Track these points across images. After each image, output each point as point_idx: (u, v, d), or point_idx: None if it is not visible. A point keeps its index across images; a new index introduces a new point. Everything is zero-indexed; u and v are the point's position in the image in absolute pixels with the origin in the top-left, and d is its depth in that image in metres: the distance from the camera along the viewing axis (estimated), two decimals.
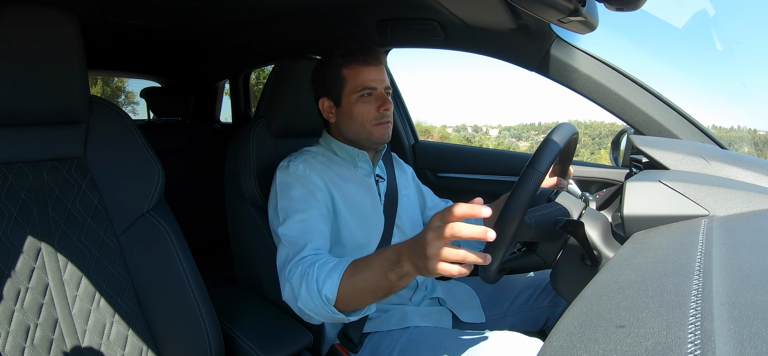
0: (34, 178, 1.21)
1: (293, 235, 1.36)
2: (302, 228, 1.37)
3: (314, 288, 1.18)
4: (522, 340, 1.29)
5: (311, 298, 1.19)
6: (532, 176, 1.11)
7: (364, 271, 1.14)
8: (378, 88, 1.56)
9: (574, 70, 1.69)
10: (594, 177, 2.00)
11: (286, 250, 1.34)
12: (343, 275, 1.17)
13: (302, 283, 1.21)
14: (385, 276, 1.09)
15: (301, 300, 1.21)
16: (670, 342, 0.46)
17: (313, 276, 1.20)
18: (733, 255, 0.69)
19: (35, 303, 1.15)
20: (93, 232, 1.27)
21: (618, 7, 1.10)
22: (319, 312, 1.20)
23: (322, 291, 1.17)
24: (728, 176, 1.17)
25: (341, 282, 1.16)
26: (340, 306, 1.18)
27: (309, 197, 1.44)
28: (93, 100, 1.30)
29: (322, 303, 1.17)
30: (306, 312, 1.22)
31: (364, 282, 1.14)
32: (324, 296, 1.17)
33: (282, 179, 1.48)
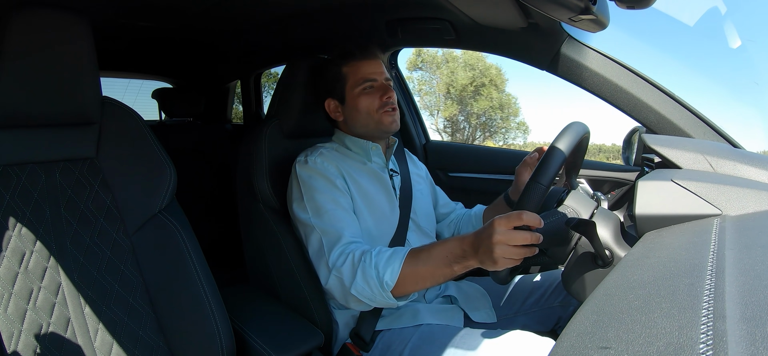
0: (46, 178, 1.22)
1: (327, 224, 1.42)
2: (334, 217, 1.43)
3: (372, 275, 1.28)
4: (533, 339, 1.29)
5: (368, 284, 1.29)
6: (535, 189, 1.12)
7: (427, 260, 1.26)
8: (379, 79, 1.62)
9: (585, 68, 1.68)
10: (606, 176, 1.99)
11: (318, 238, 1.41)
12: (403, 263, 1.28)
13: (357, 271, 1.31)
14: (449, 266, 1.23)
15: (355, 286, 1.30)
16: (682, 343, 0.46)
17: (371, 264, 1.29)
18: (745, 254, 0.68)
19: (48, 302, 1.16)
20: (105, 232, 1.28)
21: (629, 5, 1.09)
22: (374, 297, 1.31)
23: (384, 277, 1.28)
24: (741, 175, 1.16)
25: (402, 268, 1.27)
26: (395, 291, 1.29)
27: (332, 188, 1.49)
28: (105, 101, 1.31)
29: (379, 288, 1.28)
30: (358, 297, 1.32)
31: (426, 270, 1.26)
32: (384, 282, 1.27)
33: (303, 172, 1.51)
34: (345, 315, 1.55)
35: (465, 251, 1.19)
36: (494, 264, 1.11)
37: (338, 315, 1.55)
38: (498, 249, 1.09)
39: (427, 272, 1.26)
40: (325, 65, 1.68)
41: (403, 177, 1.72)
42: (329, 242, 1.39)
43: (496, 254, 1.09)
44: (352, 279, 1.30)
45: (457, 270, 1.22)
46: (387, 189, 1.63)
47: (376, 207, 1.56)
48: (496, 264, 1.11)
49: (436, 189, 1.95)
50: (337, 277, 1.34)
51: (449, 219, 1.91)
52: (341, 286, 1.33)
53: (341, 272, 1.33)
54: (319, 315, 1.52)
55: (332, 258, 1.36)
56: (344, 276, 1.32)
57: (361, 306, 1.37)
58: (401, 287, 1.28)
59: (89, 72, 1.23)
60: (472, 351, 1.30)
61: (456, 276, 1.68)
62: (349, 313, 1.54)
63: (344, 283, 1.32)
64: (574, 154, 1.42)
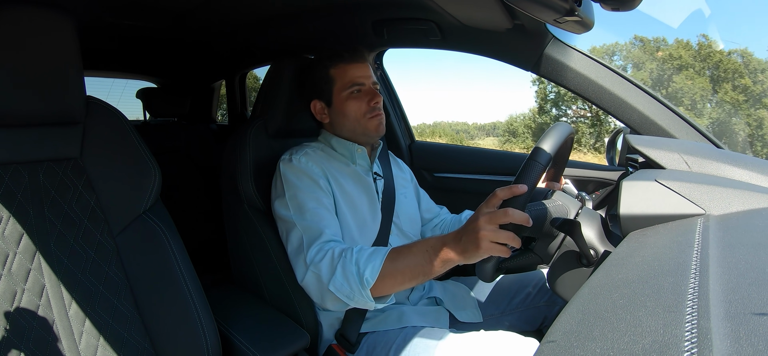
0: (30, 178, 1.21)
1: (308, 222, 1.41)
2: (316, 215, 1.43)
3: (353, 271, 1.27)
4: (518, 340, 1.29)
5: (347, 281, 1.28)
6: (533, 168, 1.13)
7: (408, 257, 1.26)
8: (366, 83, 1.62)
9: (569, 69, 1.70)
10: (590, 176, 2.01)
11: (299, 235, 1.40)
12: (384, 260, 1.27)
13: (337, 267, 1.29)
14: (430, 262, 1.22)
15: (334, 282, 1.29)
16: (668, 340, 0.46)
17: (351, 260, 1.28)
18: (729, 253, 0.69)
19: (31, 304, 1.14)
20: (89, 233, 1.27)
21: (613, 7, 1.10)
22: (352, 294, 1.29)
23: (364, 274, 1.26)
24: (724, 175, 1.18)
25: (383, 267, 1.26)
26: (374, 290, 1.28)
27: (316, 187, 1.49)
28: (89, 101, 1.30)
29: (359, 286, 1.27)
30: (336, 294, 1.30)
31: (406, 267, 1.25)
32: (365, 279, 1.26)
33: (287, 170, 1.51)
34: (329, 317, 1.54)
35: (446, 244, 1.19)
36: (477, 250, 1.11)
37: (322, 316, 1.55)
38: (484, 242, 1.10)
39: (407, 270, 1.25)
40: (312, 66, 1.67)
41: (386, 180, 1.72)
42: (309, 239, 1.38)
43: (482, 245, 1.11)
44: (331, 276, 1.29)
45: (437, 267, 1.21)
46: (370, 193, 1.63)
47: (358, 210, 1.56)
48: (479, 250, 1.11)
49: (420, 192, 1.95)
50: (314, 273, 1.33)
51: (434, 223, 1.91)
52: (318, 283, 1.33)
53: (319, 268, 1.32)
54: (304, 316, 1.51)
55: (310, 255, 1.35)
56: (322, 272, 1.31)
57: (337, 305, 1.35)
58: (381, 286, 1.27)
59: (73, 71, 1.22)
60: (457, 353, 1.30)
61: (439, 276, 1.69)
62: (334, 315, 1.54)
63: (322, 279, 1.31)
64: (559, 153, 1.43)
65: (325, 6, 2.04)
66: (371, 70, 1.66)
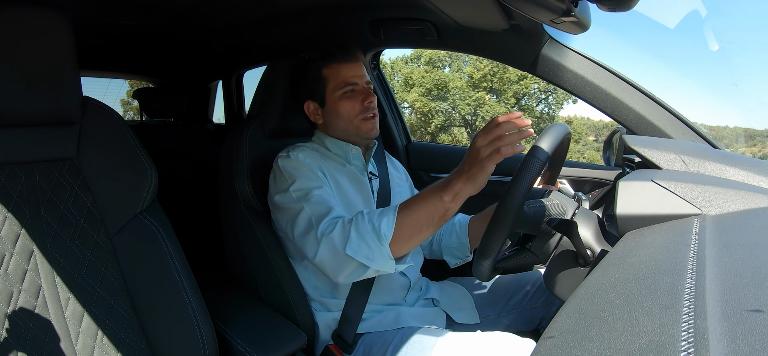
0: (26, 179, 1.20)
1: (314, 204, 1.40)
2: (321, 199, 1.42)
3: (368, 229, 1.27)
4: (515, 341, 1.30)
5: (364, 241, 1.27)
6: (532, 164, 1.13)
7: (418, 203, 1.28)
8: (359, 82, 1.61)
9: (566, 70, 1.70)
10: (587, 176, 2.01)
11: (307, 216, 1.38)
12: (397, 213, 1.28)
13: (350, 231, 1.29)
14: (440, 199, 1.23)
15: (351, 245, 1.27)
16: (664, 341, 0.46)
17: (363, 221, 1.29)
18: (725, 253, 0.69)
19: (28, 305, 1.14)
20: (86, 234, 1.26)
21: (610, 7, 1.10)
22: (372, 254, 1.28)
23: (380, 228, 1.26)
24: (720, 175, 1.18)
25: (397, 218, 1.27)
26: (393, 245, 1.27)
27: (316, 177, 1.47)
28: (86, 101, 1.30)
29: (377, 243, 1.26)
30: (354, 258, 1.28)
31: (420, 212, 1.27)
32: (382, 234, 1.26)
33: (286, 164, 1.50)
34: (326, 317, 1.54)
35: (451, 179, 1.23)
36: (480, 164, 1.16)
37: (319, 316, 1.55)
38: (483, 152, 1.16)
39: (421, 214, 1.26)
40: (305, 66, 1.67)
41: (382, 180, 1.72)
42: (318, 217, 1.36)
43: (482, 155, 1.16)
44: (346, 240, 1.28)
45: (449, 202, 1.23)
46: (365, 193, 1.62)
47: (353, 209, 1.55)
48: (482, 163, 1.16)
49: (414, 193, 1.93)
50: (327, 244, 1.31)
51: None
52: (333, 252, 1.30)
53: (332, 238, 1.30)
54: (301, 316, 1.51)
55: (321, 229, 1.33)
56: (336, 240, 1.30)
57: (355, 274, 1.32)
58: (399, 239, 1.27)
59: (70, 71, 1.22)
60: (454, 354, 1.30)
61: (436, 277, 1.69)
62: (330, 315, 1.54)
63: (337, 247, 1.29)
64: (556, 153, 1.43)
65: (321, 6, 2.04)
66: (365, 70, 1.65)
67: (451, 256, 1.80)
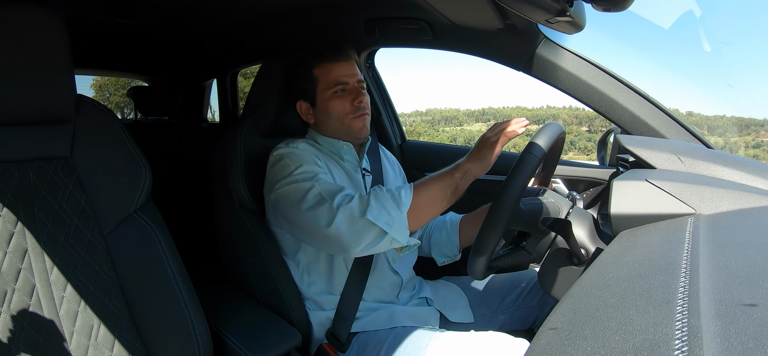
0: (20, 177, 1.20)
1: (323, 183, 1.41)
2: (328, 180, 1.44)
3: (386, 197, 1.33)
4: (508, 341, 1.30)
5: (384, 208, 1.31)
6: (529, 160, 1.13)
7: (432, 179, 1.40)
8: (350, 82, 1.60)
9: (561, 70, 1.70)
10: (581, 176, 2.01)
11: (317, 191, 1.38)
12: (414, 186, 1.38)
13: (370, 199, 1.33)
14: (451, 176, 1.37)
15: (371, 211, 1.30)
16: (658, 339, 0.46)
17: (383, 191, 1.34)
18: (719, 252, 0.69)
19: (22, 304, 1.13)
20: (80, 233, 1.26)
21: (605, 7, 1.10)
22: (392, 220, 1.31)
23: (400, 195, 1.34)
24: (714, 175, 1.18)
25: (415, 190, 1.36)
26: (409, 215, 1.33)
27: (318, 166, 1.48)
28: (80, 99, 1.29)
29: (396, 209, 1.32)
30: (374, 222, 1.29)
31: (434, 185, 1.37)
32: (402, 201, 1.33)
33: (288, 152, 1.50)
34: (320, 316, 1.54)
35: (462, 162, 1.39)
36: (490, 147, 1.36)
37: (313, 315, 1.55)
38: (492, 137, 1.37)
39: (435, 187, 1.37)
40: (296, 66, 1.67)
41: (376, 176, 1.72)
42: (330, 192, 1.36)
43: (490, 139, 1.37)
44: (366, 207, 1.30)
45: (458, 177, 1.37)
46: (359, 189, 1.62)
47: None
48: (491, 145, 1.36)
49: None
50: (345, 214, 1.31)
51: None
52: (351, 220, 1.30)
53: (350, 207, 1.31)
54: (295, 315, 1.51)
55: (337, 200, 1.33)
56: (355, 208, 1.31)
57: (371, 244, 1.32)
58: (415, 208, 1.34)
59: (64, 69, 1.21)
60: (447, 353, 1.31)
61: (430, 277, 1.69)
62: (324, 314, 1.54)
63: (355, 215, 1.30)
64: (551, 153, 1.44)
65: (317, 4, 2.04)
66: (357, 68, 1.65)
67: (439, 254, 1.79)
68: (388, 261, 1.60)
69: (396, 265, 1.61)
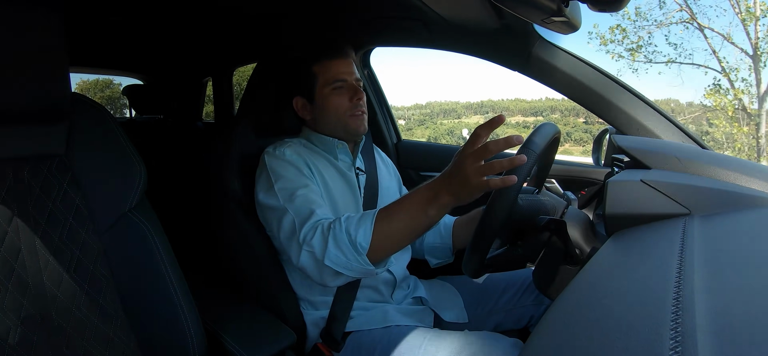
0: (14, 176, 1.19)
1: (298, 206, 1.39)
2: (306, 199, 1.41)
3: (344, 240, 1.25)
4: (502, 341, 1.30)
5: (341, 252, 1.25)
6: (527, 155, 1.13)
7: (399, 213, 1.26)
8: (349, 79, 1.61)
9: (556, 69, 1.70)
10: (576, 176, 2.02)
11: (291, 219, 1.37)
12: (374, 221, 1.26)
13: (329, 239, 1.26)
14: (424, 213, 1.22)
15: (329, 256, 1.26)
16: (652, 339, 0.47)
17: (341, 229, 1.26)
18: (713, 253, 0.69)
19: (16, 303, 1.13)
20: (74, 232, 1.25)
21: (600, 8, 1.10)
22: (350, 264, 1.26)
23: (357, 239, 1.24)
24: (709, 176, 1.19)
25: (375, 228, 1.25)
26: (371, 255, 1.26)
27: (302, 175, 1.47)
28: (75, 97, 1.29)
29: (354, 253, 1.25)
30: (334, 268, 1.27)
31: (401, 223, 1.25)
32: (358, 244, 1.24)
33: (272, 161, 1.50)
34: (314, 316, 1.55)
35: (436, 190, 1.21)
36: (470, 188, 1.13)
37: (307, 315, 1.55)
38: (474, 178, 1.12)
39: (401, 224, 1.25)
40: (294, 63, 1.67)
41: (370, 175, 1.71)
42: (301, 220, 1.36)
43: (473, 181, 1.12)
44: (324, 250, 1.27)
45: (432, 214, 1.22)
46: (353, 188, 1.62)
47: (339, 205, 1.55)
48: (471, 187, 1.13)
49: (402, 189, 1.94)
50: (308, 252, 1.30)
51: None
52: (314, 260, 1.30)
53: (312, 245, 1.29)
54: (290, 314, 1.51)
55: (303, 234, 1.33)
56: (315, 248, 1.29)
57: (338, 280, 1.32)
58: (377, 248, 1.26)
59: (60, 67, 1.21)
60: (441, 353, 1.31)
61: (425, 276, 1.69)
62: (318, 314, 1.54)
63: (316, 256, 1.28)
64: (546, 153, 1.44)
65: (313, 3, 2.04)
66: (354, 66, 1.66)
67: (433, 256, 1.80)
68: None
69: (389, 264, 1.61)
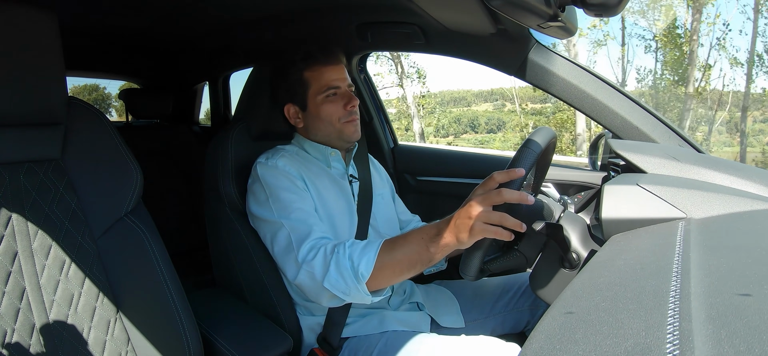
0: (10, 180, 1.19)
1: (294, 221, 1.39)
2: (302, 214, 1.41)
3: (347, 266, 1.26)
4: (499, 345, 1.30)
5: (342, 277, 1.27)
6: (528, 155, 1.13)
7: (404, 247, 1.26)
8: (342, 86, 1.59)
9: (552, 74, 1.71)
10: (572, 180, 2.02)
11: (287, 234, 1.38)
12: (378, 252, 1.26)
13: (330, 263, 1.28)
14: (426, 249, 1.22)
15: (329, 279, 1.27)
16: (650, 343, 0.46)
17: (344, 256, 1.27)
18: (710, 256, 0.69)
19: (12, 307, 1.13)
20: (70, 236, 1.25)
21: (597, 12, 1.10)
22: (348, 290, 1.28)
23: (359, 268, 1.26)
24: (704, 179, 1.19)
25: (378, 258, 1.26)
26: (371, 283, 1.27)
27: (295, 187, 1.46)
28: (71, 101, 1.29)
29: (354, 281, 1.26)
30: (332, 291, 1.28)
31: (403, 256, 1.25)
32: (360, 273, 1.25)
33: (265, 173, 1.49)
34: (311, 321, 1.54)
35: (440, 229, 1.20)
36: (470, 232, 1.12)
37: (304, 320, 1.55)
38: (477, 224, 1.11)
39: (403, 258, 1.25)
40: (285, 69, 1.64)
41: (363, 183, 1.70)
42: (298, 238, 1.36)
43: (475, 227, 1.11)
44: (325, 273, 1.27)
45: (433, 252, 1.21)
46: (346, 196, 1.61)
47: (334, 214, 1.54)
48: (472, 232, 1.12)
49: (396, 198, 1.93)
50: (308, 272, 1.31)
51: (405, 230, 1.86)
52: (313, 281, 1.30)
53: (312, 266, 1.30)
54: (286, 319, 1.51)
55: (302, 253, 1.33)
56: (316, 270, 1.29)
57: (333, 301, 1.33)
58: (377, 278, 1.26)
59: (56, 71, 1.20)
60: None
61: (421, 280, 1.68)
62: (315, 319, 1.54)
63: (316, 277, 1.29)
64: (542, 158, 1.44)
65: (309, 8, 2.04)
66: (346, 72, 1.64)
67: None
68: None
69: None
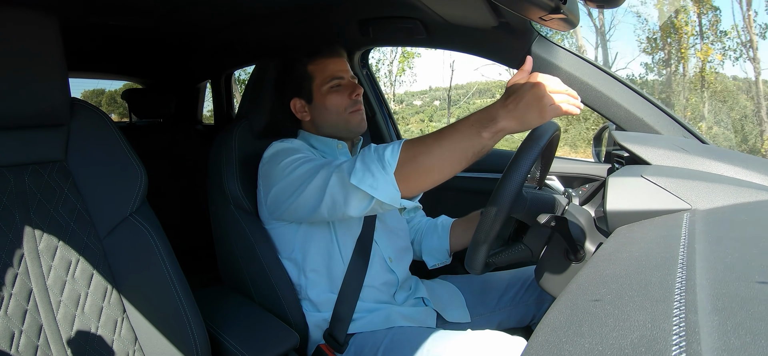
0: (15, 182, 1.19)
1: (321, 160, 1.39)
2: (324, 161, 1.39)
3: (372, 157, 1.21)
4: (505, 339, 1.30)
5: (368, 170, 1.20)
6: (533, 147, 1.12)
7: (441, 134, 1.17)
8: (346, 76, 1.61)
9: (555, 67, 1.70)
10: (576, 172, 2.01)
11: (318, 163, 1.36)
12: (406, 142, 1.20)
13: (356, 160, 1.23)
14: (479, 135, 1.12)
15: (355, 175, 1.21)
16: (656, 335, 0.46)
17: (369, 150, 1.23)
18: (715, 247, 0.69)
19: (19, 309, 1.13)
20: (76, 236, 1.25)
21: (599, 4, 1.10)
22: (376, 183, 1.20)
23: (384, 155, 1.19)
24: (709, 170, 1.19)
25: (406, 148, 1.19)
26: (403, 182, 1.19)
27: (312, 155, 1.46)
28: (74, 102, 1.29)
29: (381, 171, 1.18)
30: (359, 187, 1.21)
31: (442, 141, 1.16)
32: (386, 160, 1.18)
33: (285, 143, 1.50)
34: (317, 317, 1.54)
35: (493, 115, 1.12)
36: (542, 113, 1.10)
37: (310, 317, 1.55)
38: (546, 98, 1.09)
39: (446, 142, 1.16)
40: (290, 64, 1.67)
41: None
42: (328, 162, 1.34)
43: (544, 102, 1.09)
44: (352, 169, 1.22)
45: (486, 137, 1.12)
46: None
47: None
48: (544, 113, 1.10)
49: None
50: (338, 176, 1.26)
51: (410, 224, 1.88)
52: (341, 182, 1.25)
53: (342, 168, 1.26)
54: (293, 315, 1.51)
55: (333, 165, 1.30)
56: (345, 170, 1.25)
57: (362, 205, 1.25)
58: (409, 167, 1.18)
59: (58, 72, 1.21)
60: (444, 353, 1.30)
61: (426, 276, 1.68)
62: (321, 315, 1.54)
63: (344, 177, 1.23)
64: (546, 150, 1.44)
65: (311, 5, 2.04)
66: (347, 65, 1.66)
67: (431, 257, 1.81)
68: (385, 261, 1.60)
69: (392, 265, 1.61)
